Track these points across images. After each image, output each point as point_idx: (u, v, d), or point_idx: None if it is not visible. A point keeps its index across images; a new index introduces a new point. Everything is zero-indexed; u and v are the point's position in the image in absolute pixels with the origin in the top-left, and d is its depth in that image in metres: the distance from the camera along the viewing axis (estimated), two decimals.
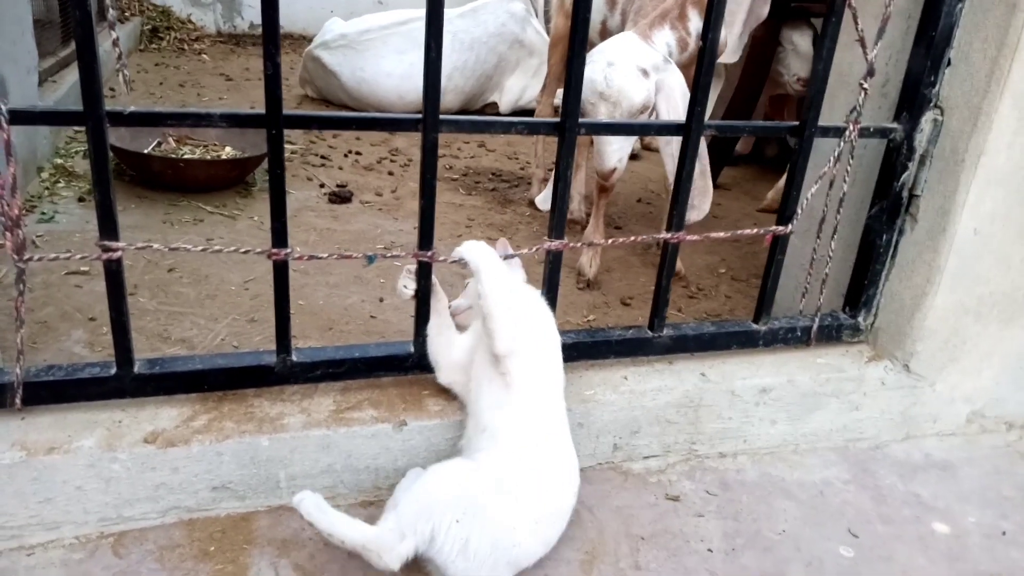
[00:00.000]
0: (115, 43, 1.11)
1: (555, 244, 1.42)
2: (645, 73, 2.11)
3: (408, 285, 1.39)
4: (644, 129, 1.73)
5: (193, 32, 6.31)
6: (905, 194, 1.62)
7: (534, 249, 1.45)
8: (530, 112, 4.38)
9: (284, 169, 1.24)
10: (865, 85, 1.47)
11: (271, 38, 1.15)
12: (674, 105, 2.13)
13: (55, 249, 2.27)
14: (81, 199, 2.67)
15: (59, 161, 2.97)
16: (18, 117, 1.12)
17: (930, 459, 1.69)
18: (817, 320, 1.68)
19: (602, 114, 2.12)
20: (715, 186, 3.64)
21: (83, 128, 1.15)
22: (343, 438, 1.35)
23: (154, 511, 1.28)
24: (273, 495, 1.34)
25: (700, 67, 1.39)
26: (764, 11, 2.80)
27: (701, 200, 2.24)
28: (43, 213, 2.51)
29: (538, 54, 4.59)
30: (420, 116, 1.26)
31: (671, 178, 2.12)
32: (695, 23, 2.34)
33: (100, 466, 1.22)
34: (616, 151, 2.19)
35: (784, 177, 3.39)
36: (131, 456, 1.23)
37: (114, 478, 1.23)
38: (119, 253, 1.20)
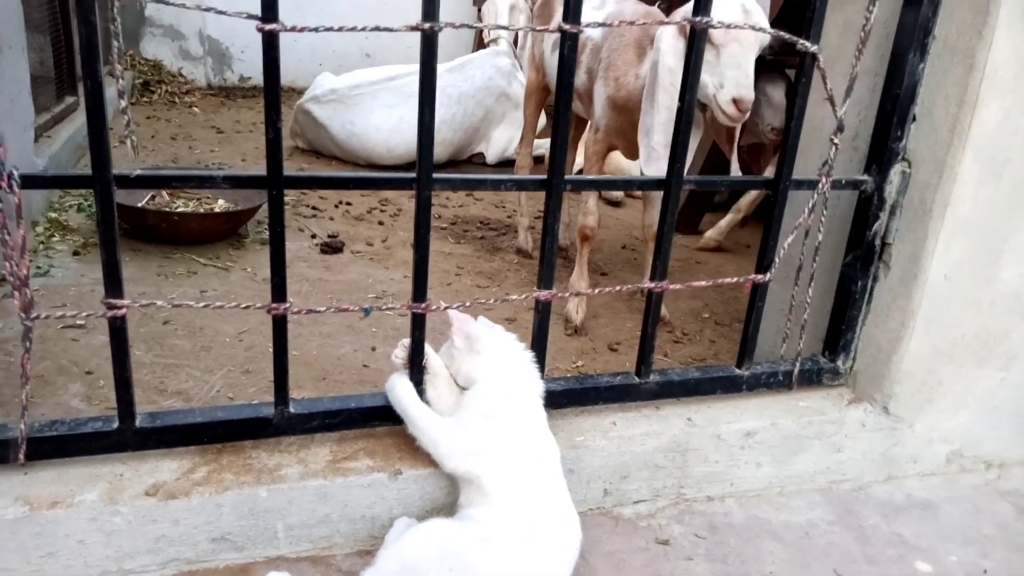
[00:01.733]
0: (124, 111, 1.17)
1: (544, 294, 1.48)
2: None
3: (399, 355, 1.45)
4: (627, 184, 1.80)
5: (184, 85, 6.43)
6: (878, 242, 1.70)
7: (523, 297, 1.50)
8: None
9: (284, 227, 1.29)
10: (836, 140, 1.55)
11: (272, 104, 1.22)
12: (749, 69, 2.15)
13: (51, 302, 2.30)
14: (75, 253, 2.71)
15: (53, 215, 3.02)
16: (30, 182, 1.17)
17: (912, 499, 1.74)
18: (798, 364, 1.74)
19: (748, 35, 2.08)
20: (696, 232, 3.73)
21: None
22: (339, 488, 1.38)
23: (154, 563, 1.30)
24: (271, 546, 1.37)
25: (678, 125, 1.46)
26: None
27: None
28: (38, 267, 2.54)
29: None
30: (415, 176, 1.32)
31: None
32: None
33: (102, 519, 1.24)
34: (752, 80, 2.14)
35: (726, 217, 3.50)
36: (132, 509, 1.26)
37: (116, 531, 1.26)
38: (124, 310, 1.24)
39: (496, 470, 1.30)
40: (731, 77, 2.10)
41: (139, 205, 3.02)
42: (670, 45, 2.18)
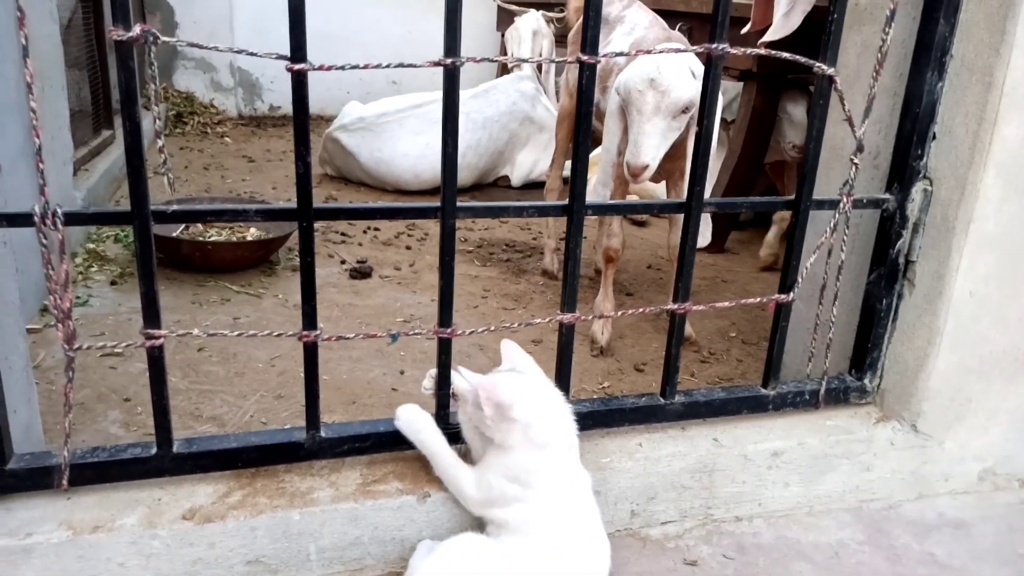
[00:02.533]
0: (161, 150, 1.22)
1: (567, 317, 1.50)
2: (693, 75, 2.21)
3: (428, 386, 1.48)
4: (647, 208, 1.82)
5: (216, 116, 6.59)
6: (901, 260, 1.70)
7: (547, 320, 1.53)
8: (541, 184, 4.53)
9: (314, 256, 1.33)
10: (856, 160, 1.56)
11: (302, 139, 1.26)
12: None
13: (90, 331, 2.37)
14: (113, 282, 2.79)
15: (91, 246, 3.11)
16: (72, 219, 1.23)
17: (944, 518, 1.72)
18: (824, 383, 1.73)
19: (649, 103, 2.18)
20: (723, 250, 3.74)
21: None
22: (370, 511, 1.41)
23: None
24: (304, 568, 1.40)
25: (697, 149, 1.49)
26: None
27: (704, 228, 2.33)
28: (78, 297, 2.62)
29: (548, 129, 4.77)
30: (439, 205, 1.35)
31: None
32: None
33: (141, 543, 1.28)
34: (653, 147, 2.23)
35: (770, 232, 3.49)
36: (171, 533, 1.29)
37: (154, 554, 1.29)
38: (161, 340, 1.29)
39: (525, 511, 1.30)
40: (631, 140, 2.27)
41: (173, 235, 3.10)
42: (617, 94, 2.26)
